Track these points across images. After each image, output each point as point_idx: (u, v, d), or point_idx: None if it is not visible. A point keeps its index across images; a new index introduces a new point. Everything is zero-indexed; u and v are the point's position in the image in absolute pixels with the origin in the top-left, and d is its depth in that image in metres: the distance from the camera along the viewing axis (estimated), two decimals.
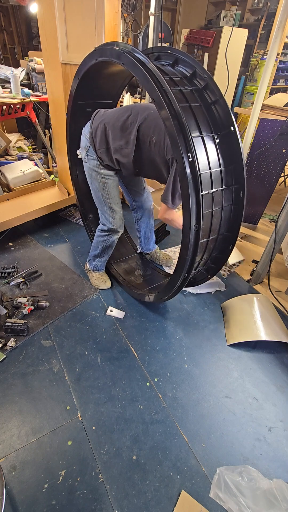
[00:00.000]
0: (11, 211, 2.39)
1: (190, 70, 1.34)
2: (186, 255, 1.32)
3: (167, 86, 1.10)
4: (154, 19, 2.36)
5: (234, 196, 1.36)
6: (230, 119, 1.25)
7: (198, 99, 1.27)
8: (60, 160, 2.82)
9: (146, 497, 1.10)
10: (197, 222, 1.22)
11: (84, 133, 1.62)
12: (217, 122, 1.28)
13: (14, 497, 1.07)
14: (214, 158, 1.26)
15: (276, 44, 1.94)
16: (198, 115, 1.23)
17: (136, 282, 2.02)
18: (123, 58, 1.24)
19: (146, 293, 1.81)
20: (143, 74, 1.15)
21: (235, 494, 1.08)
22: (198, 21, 6.03)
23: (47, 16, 2.05)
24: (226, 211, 1.37)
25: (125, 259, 2.23)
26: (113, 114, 1.52)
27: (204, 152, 1.22)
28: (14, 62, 6.21)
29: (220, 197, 1.31)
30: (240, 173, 1.31)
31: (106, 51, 1.35)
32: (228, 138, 1.27)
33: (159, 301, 1.73)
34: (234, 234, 1.44)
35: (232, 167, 1.31)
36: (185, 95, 1.24)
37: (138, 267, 2.18)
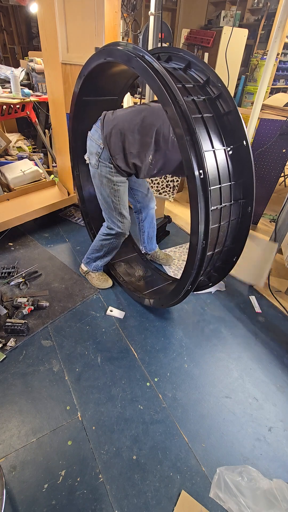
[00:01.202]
0: (11, 211, 2.39)
1: (203, 76, 1.30)
2: (192, 269, 1.30)
3: (181, 98, 1.07)
4: (154, 19, 2.36)
5: (241, 210, 1.35)
6: (243, 132, 1.22)
7: (211, 109, 1.24)
8: (60, 160, 2.82)
9: (146, 497, 1.10)
10: (205, 238, 1.21)
11: (93, 138, 1.56)
12: (229, 134, 1.25)
13: (14, 497, 1.07)
14: (224, 172, 1.23)
15: (276, 44, 1.94)
16: (210, 127, 1.20)
17: (136, 283, 2.02)
18: (134, 62, 1.20)
19: (147, 297, 1.80)
20: (156, 84, 1.11)
21: (235, 494, 1.08)
22: (198, 21, 6.02)
23: (47, 16, 2.05)
24: (233, 225, 1.36)
25: (125, 259, 2.23)
26: (125, 117, 1.48)
27: (215, 166, 1.20)
28: (14, 62, 6.21)
29: (228, 211, 1.30)
30: (249, 188, 1.29)
31: (115, 52, 1.30)
32: (239, 152, 1.25)
33: (160, 307, 1.74)
34: (239, 247, 1.43)
35: (242, 181, 1.29)
36: (197, 105, 1.21)
37: (138, 267, 2.17)
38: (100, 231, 1.86)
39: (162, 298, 1.67)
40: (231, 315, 1.90)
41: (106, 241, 1.85)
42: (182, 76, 1.30)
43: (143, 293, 1.89)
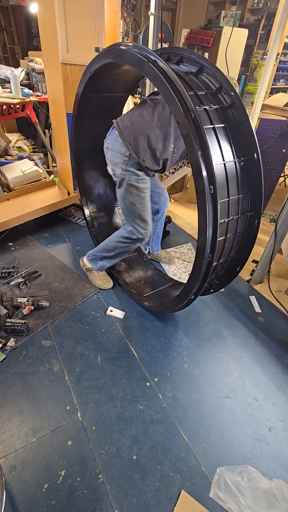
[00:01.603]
0: (11, 211, 2.39)
1: (215, 83, 1.27)
2: (197, 280, 1.31)
3: (194, 110, 1.04)
4: (154, 19, 2.36)
5: (248, 223, 1.34)
6: (254, 145, 1.20)
7: (223, 119, 1.21)
8: (60, 160, 2.82)
9: (146, 497, 1.10)
10: (212, 252, 1.20)
11: (115, 148, 1.55)
12: (240, 146, 1.22)
13: (14, 497, 1.07)
14: (233, 185, 1.22)
15: (276, 44, 1.94)
16: (221, 139, 1.18)
17: (136, 285, 2.01)
18: (147, 68, 1.16)
19: (148, 300, 1.80)
20: (170, 93, 1.08)
21: (235, 494, 1.08)
22: (198, 21, 6.03)
23: (47, 16, 2.05)
24: (239, 236, 1.35)
25: (125, 259, 2.22)
26: (141, 119, 1.49)
27: (225, 179, 1.19)
28: (14, 62, 6.21)
29: (235, 224, 1.29)
30: (257, 201, 1.28)
31: (125, 54, 1.26)
32: (249, 164, 1.23)
33: (161, 310, 1.74)
34: (244, 257, 1.43)
35: (250, 194, 1.28)
36: (209, 115, 1.18)
37: (139, 268, 2.17)
38: (119, 233, 1.81)
39: (164, 303, 1.66)
40: (231, 315, 1.90)
41: (122, 244, 1.80)
42: (194, 81, 1.27)
43: (144, 296, 1.89)
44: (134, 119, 1.51)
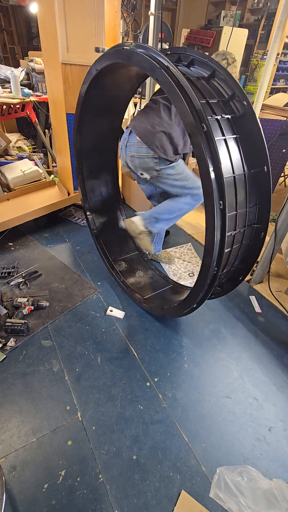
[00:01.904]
0: (11, 211, 2.39)
1: (228, 90, 1.23)
2: (200, 291, 1.31)
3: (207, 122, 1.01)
4: (154, 19, 2.36)
5: (254, 234, 1.32)
6: (265, 158, 1.18)
7: (234, 130, 1.18)
8: (60, 160, 2.82)
9: (146, 497, 1.10)
10: (217, 265, 1.20)
11: (141, 154, 1.60)
12: (250, 157, 1.20)
13: (14, 497, 1.07)
14: (242, 198, 1.20)
15: (276, 44, 1.94)
16: (232, 151, 1.16)
17: (137, 286, 2.00)
18: (159, 74, 1.11)
19: (149, 304, 1.80)
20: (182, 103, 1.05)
21: (235, 494, 1.08)
22: (198, 21, 6.03)
23: (47, 16, 2.05)
24: (244, 247, 1.34)
25: (126, 258, 2.22)
26: (160, 120, 1.52)
27: (234, 193, 1.17)
28: (14, 62, 6.21)
29: (241, 236, 1.28)
30: (265, 213, 1.26)
31: (136, 56, 1.21)
32: (258, 176, 1.21)
33: (161, 315, 1.75)
34: (248, 267, 1.42)
35: (258, 206, 1.26)
36: (221, 125, 1.15)
37: (139, 267, 2.17)
38: (182, 199, 1.78)
39: (165, 309, 1.66)
40: (231, 315, 1.90)
41: (187, 206, 1.79)
42: (205, 88, 1.23)
43: (144, 298, 1.88)
44: (154, 121, 1.54)
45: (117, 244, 2.21)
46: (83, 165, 2.03)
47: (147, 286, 2.01)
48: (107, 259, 2.12)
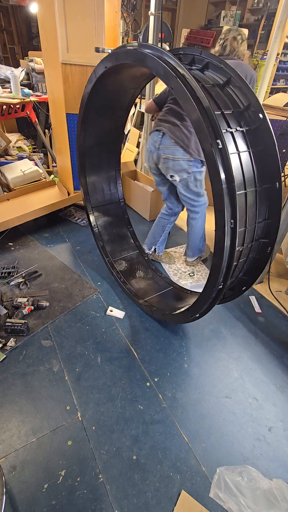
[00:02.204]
0: (11, 211, 2.39)
1: (243, 99, 1.18)
2: (205, 304, 1.32)
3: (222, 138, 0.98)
4: (154, 19, 2.36)
5: (261, 248, 1.30)
6: (277, 173, 1.15)
7: (248, 144, 1.14)
8: (60, 160, 2.82)
9: (146, 497, 1.10)
10: (224, 281, 1.19)
11: (177, 157, 1.68)
12: (262, 173, 1.16)
13: (14, 497, 1.07)
14: (252, 214, 1.18)
15: (276, 44, 1.94)
16: (245, 165, 1.12)
17: (137, 286, 1.99)
18: (173, 83, 1.06)
19: (149, 306, 1.80)
20: (197, 115, 1.00)
21: (235, 494, 1.08)
22: (198, 21, 6.03)
23: (47, 16, 2.05)
24: (250, 260, 1.32)
25: (126, 257, 2.21)
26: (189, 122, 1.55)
27: (245, 209, 1.14)
28: (14, 62, 6.21)
29: (248, 251, 1.26)
30: (273, 229, 1.24)
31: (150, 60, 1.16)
32: (270, 192, 1.19)
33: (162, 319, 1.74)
34: (252, 279, 1.39)
35: (267, 222, 1.24)
36: (235, 139, 1.11)
37: (139, 267, 2.16)
38: (194, 223, 2.05)
39: (167, 315, 1.65)
40: (231, 315, 1.90)
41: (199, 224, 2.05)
42: (220, 97, 1.18)
43: (145, 299, 1.87)
44: (187, 124, 1.60)
45: (117, 243, 2.21)
46: (86, 161, 2.01)
47: (147, 287, 2.01)
48: (107, 258, 2.11)
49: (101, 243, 2.15)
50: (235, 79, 1.20)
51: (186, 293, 1.89)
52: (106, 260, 2.12)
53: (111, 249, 2.16)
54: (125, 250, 2.23)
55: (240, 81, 1.19)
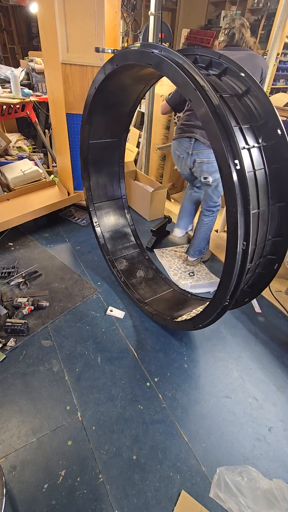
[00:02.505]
0: (11, 211, 2.39)
1: (261, 112, 1.12)
2: (210, 317, 1.33)
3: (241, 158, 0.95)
4: (154, 19, 2.36)
5: (267, 265, 1.28)
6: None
7: (264, 162, 1.10)
8: (60, 160, 2.82)
9: (146, 497, 1.10)
10: (231, 298, 1.19)
11: (209, 160, 1.75)
12: (277, 191, 1.13)
13: (14, 497, 1.07)
14: (262, 232, 1.15)
15: (276, 44, 1.94)
16: (260, 184, 1.09)
17: (138, 286, 1.97)
18: (191, 93, 1.00)
19: (150, 309, 1.79)
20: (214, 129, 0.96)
21: (235, 494, 1.08)
22: (198, 21, 6.03)
23: (47, 16, 2.05)
24: (256, 275, 1.31)
25: (127, 256, 2.19)
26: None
27: (257, 229, 1.12)
28: (14, 62, 6.22)
29: (255, 267, 1.24)
30: (282, 246, 1.21)
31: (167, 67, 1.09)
32: (282, 210, 1.16)
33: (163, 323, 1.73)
34: (256, 292, 1.38)
35: (277, 240, 1.22)
36: (252, 157, 1.07)
37: (140, 266, 2.15)
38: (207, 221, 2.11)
39: (168, 320, 1.65)
40: (231, 315, 1.90)
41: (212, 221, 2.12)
42: (239, 109, 1.12)
43: (145, 301, 1.86)
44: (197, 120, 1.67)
45: (118, 241, 2.20)
46: (89, 156, 1.96)
47: (148, 288, 2.00)
48: (108, 256, 2.10)
49: (102, 241, 2.14)
50: (254, 88, 1.13)
51: (187, 296, 1.89)
52: (106, 258, 2.11)
53: (112, 247, 2.15)
54: (126, 248, 2.22)
55: (258, 90, 1.13)
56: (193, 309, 1.73)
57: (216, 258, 2.44)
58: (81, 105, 2.33)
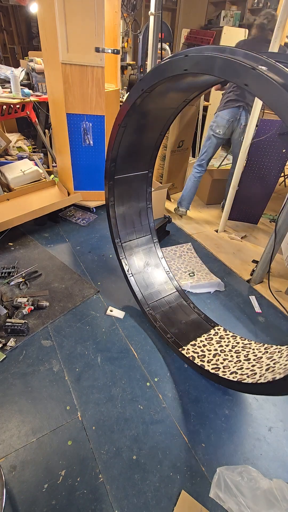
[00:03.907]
0: (11, 211, 2.39)
1: None
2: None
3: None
4: (154, 19, 2.36)
5: None
6: None
7: None
8: (60, 160, 2.82)
9: (146, 497, 1.10)
10: None
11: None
12: None
13: (14, 497, 1.07)
14: None
15: (276, 44, 1.93)
16: None
17: (177, 333, 1.57)
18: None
19: (213, 371, 1.38)
20: None
21: (235, 494, 1.08)
22: (198, 21, 6.03)
23: (47, 16, 2.06)
24: None
25: (162, 300, 1.81)
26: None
27: None
28: (14, 62, 6.22)
29: None
30: None
31: (265, 85, 0.78)
32: None
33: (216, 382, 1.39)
34: None
35: None
36: None
37: (180, 310, 1.73)
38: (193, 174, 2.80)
39: (235, 384, 1.25)
40: (231, 315, 1.90)
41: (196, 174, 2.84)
42: None
43: (205, 368, 1.43)
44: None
45: (150, 279, 1.84)
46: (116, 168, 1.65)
47: (188, 332, 1.63)
48: (147, 309, 1.76)
49: (139, 295, 1.79)
50: None
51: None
52: (146, 312, 1.75)
53: (149, 299, 1.79)
54: (161, 291, 1.88)
55: None
56: (271, 361, 1.28)
57: (216, 258, 2.44)
58: (81, 105, 2.33)
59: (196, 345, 1.53)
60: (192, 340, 1.58)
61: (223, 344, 1.52)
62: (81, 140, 2.50)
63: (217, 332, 1.61)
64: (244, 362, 1.36)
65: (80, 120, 2.39)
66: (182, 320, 1.72)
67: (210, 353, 1.47)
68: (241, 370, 1.31)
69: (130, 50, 4.58)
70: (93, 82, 2.23)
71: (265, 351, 1.39)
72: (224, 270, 2.31)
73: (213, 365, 1.40)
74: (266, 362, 1.29)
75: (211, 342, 1.54)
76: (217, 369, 1.37)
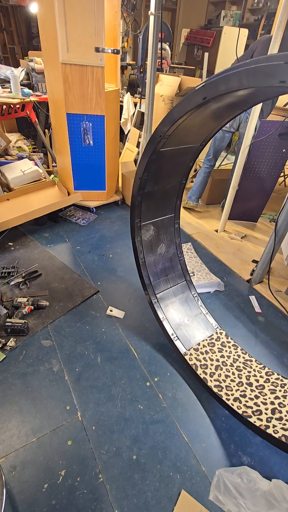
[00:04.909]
0: (11, 211, 2.39)
1: None
2: None
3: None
4: (154, 19, 2.36)
5: None
6: None
7: None
8: (60, 160, 2.82)
9: (146, 497, 1.10)
10: None
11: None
12: None
13: (14, 497, 1.07)
14: None
15: (276, 44, 1.93)
16: None
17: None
18: None
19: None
20: None
21: (235, 496, 1.08)
22: (198, 21, 6.03)
23: (47, 16, 2.06)
24: None
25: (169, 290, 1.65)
26: None
27: None
28: (14, 62, 6.22)
29: None
30: None
31: None
32: None
33: None
34: None
35: None
36: None
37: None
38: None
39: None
40: (231, 315, 1.90)
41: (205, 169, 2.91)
42: None
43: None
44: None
45: (191, 330, 1.64)
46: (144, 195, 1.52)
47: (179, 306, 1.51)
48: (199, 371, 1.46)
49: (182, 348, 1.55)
50: None
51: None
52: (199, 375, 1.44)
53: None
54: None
55: None
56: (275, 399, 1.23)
57: (216, 258, 2.44)
58: (81, 105, 2.33)
59: (199, 351, 1.53)
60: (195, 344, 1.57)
61: (225, 354, 1.51)
62: (81, 140, 2.50)
63: (219, 337, 1.60)
64: (246, 388, 1.36)
65: (80, 120, 2.39)
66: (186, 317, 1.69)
67: (212, 365, 1.47)
68: (244, 399, 1.31)
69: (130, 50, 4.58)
70: (93, 82, 2.23)
71: (267, 378, 1.38)
72: (224, 270, 2.31)
73: (216, 382, 1.39)
74: (269, 397, 1.30)
75: (213, 349, 1.53)
76: (220, 388, 1.36)
